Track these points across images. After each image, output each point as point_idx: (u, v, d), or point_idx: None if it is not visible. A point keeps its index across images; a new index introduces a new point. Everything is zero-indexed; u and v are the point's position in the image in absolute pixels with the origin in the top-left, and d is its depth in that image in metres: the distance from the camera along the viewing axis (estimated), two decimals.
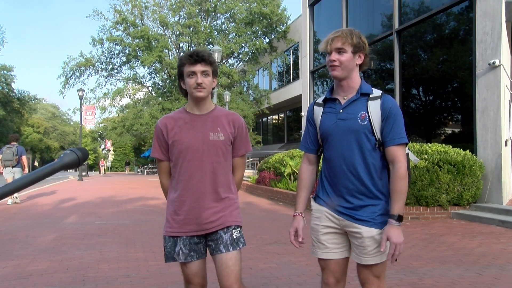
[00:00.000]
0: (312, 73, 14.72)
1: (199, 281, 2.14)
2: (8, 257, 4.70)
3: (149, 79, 36.02)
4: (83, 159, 1.14)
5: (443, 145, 7.74)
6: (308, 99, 14.63)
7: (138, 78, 28.55)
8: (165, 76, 27.21)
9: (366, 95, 1.97)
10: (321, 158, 2.14)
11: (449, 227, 6.46)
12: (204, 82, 2.07)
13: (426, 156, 7.30)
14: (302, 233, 2.06)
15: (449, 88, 9.30)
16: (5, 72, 42.12)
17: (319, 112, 2.06)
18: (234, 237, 2.11)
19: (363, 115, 1.93)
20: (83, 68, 27.42)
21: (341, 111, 1.98)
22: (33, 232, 6.35)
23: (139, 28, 25.41)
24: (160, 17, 25.96)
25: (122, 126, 27.52)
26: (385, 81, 11.42)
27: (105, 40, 26.44)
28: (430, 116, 9.78)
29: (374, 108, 1.93)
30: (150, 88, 29.64)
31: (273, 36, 27.62)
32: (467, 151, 7.57)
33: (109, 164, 53.93)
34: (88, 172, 34.30)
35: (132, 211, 8.94)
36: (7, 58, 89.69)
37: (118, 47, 26.95)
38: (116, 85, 46.80)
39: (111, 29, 26.41)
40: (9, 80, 42.80)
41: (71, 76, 27.42)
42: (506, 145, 7.95)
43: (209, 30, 26.79)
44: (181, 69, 2.11)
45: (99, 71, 28.16)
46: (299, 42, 22.60)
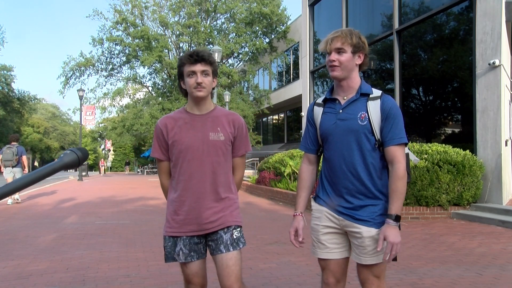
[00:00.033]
0: (312, 73, 14.72)
1: (199, 281, 2.14)
2: (8, 257, 4.70)
3: (149, 79, 36.07)
4: (83, 159, 1.14)
5: (443, 145, 7.74)
6: (308, 99, 14.63)
7: (138, 78, 28.58)
8: (165, 76, 27.22)
9: (366, 95, 1.97)
10: (321, 158, 2.14)
11: (449, 227, 6.46)
12: (204, 81, 2.07)
13: (426, 156, 7.30)
14: (302, 232, 2.06)
15: (449, 88, 9.30)
16: (5, 72, 42.15)
17: (319, 112, 2.07)
18: (235, 237, 2.11)
19: (362, 115, 1.93)
20: (83, 68, 27.44)
21: (341, 111, 1.98)
22: (33, 232, 6.35)
23: (139, 28, 25.42)
24: (160, 17, 25.97)
25: (122, 126, 27.53)
26: (385, 81, 11.42)
27: (105, 40, 26.47)
28: (430, 116, 9.78)
29: (374, 108, 1.93)
30: (150, 88, 29.66)
31: (273, 36, 27.62)
32: (467, 151, 7.58)
33: (109, 164, 53.94)
34: (88, 172, 34.30)
35: (132, 211, 8.94)
36: (7, 58, 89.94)
37: (118, 47, 26.99)
38: (116, 85, 46.87)
39: (111, 29, 26.45)
40: (9, 80, 42.84)
41: (71, 76, 27.46)
42: (506, 145, 7.95)
43: (209, 30, 26.80)
44: (181, 69, 2.11)
45: (99, 71, 28.20)
46: (299, 42, 22.60)
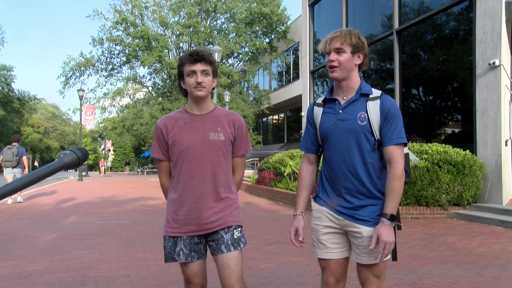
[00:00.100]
0: (312, 73, 14.72)
1: (199, 281, 2.14)
2: (8, 257, 4.70)
3: (149, 79, 36.11)
4: (83, 159, 1.14)
5: (443, 145, 7.74)
6: (308, 99, 14.63)
7: (138, 78, 28.59)
8: (165, 76, 27.22)
9: (365, 96, 1.97)
10: (321, 158, 2.14)
11: (449, 227, 6.46)
12: (204, 81, 2.07)
13: (426, 156, 7.30)
14: (302, 232, 2.06)
15: (449, 88, 9.30)
16: (5, 72, 42.20)
17: (319, 112, 2.07)
18: (235, 237, 2.11)
19: (362, 115, 1.93)
20: (83, 68, 27.45)
21: (340, 111, 1.98)
22: (33, 232, 6.35)
23: (139, 28, 25.43)
24: (160, 17, 25.97)
25: (122, 126, 27.54)
26: (385, 81, 11.42)
27: (105, 40, 26.48)
28: (430, 116, 9.78)
29: (374, 109, 1.93)
30: (150, 88, 29.67)
31: (273, 36, 27.62)
32: (467, 151, 7.58)
33: (109, 164, 53.95)
34: (88, 172, 34.31)
35: (132, 211, 8.94)
36: (7, 58, 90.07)
37: (118, 47, 27.01)
38: (116, 85, 46.86)
39: (111, 29, 26.46)
40: (9, 80, 42.89)
41: (71, 76, 27.48)
42: (506, 145, 7.95)
43: (209, 30, 26.80)
44: (181, 69, 2.11)
45: (99, 71, 28.22)
46: (299, 42, 22.60)
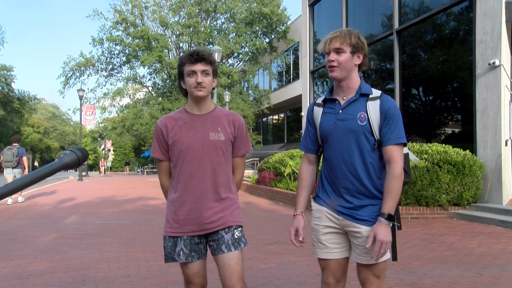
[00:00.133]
0: (312, 73, 14.72)
1: (199, 281, 2.14)
2: (8, 257, 4.70)
3: (149, 79, 36.13)
4: (83, 159, 1.14)
5: (443, 145, 7.74)
6: (308, 99, 14.63)
7: (138, 78, 28.59)
8: (165, 76, 27.23)
9: (365, 96, 1.97)
10: (321, 158, 2.14)
11: (449, 227, 6.46)
12: (204, 81, 2.07)
13: (426, 156, 7.30)
14: (302, 232, 2.06)
15: (449, 88, 9.30)
16: (5, 72, 42.19)
17: (318, 112, 2.07)
18: (236, 237, 2.11)
19: (362, 115, 1.93)
20: (83, 68, 27.46)
21: (340, 111, 1.98)
22: (33, 232, 6.35)
23: (139, 28, 25.43)
24: (160, 17, 25.97)
25: (122, 126, 27.54)
26: (385, 81, 11.42)
27: (105, 40, 26.49)
28: (430, 116, 9.78)
29: (373, 109, 1.93)
30: (150, 88, 29.68)
31: (273, 36, 27.62)
32: (467, 151, 7.57)
33: (109, 164, 53.95)
34: (88, 172, 34.32)
35: (132, 211, 8.94)
36: (7, 58, 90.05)
37: (118, 47, 27.01)
38: (116, 85, 46.91)
39: (111, 29, 26.47)
40: (9, 80, 42.89)
41: (71, 76, 27.48)
42: (506, 145, 7.95)
43: (209, 30, 26.80)
44: (181, 69, 2.11)
45: (99, 71, 28.23)
46: (299, 42, 22.60)
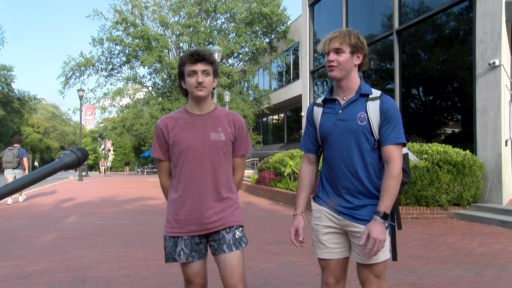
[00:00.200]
0: (312, 73, 14.72)
1: (200, 281, 2.14)
2: (8, 257, 4.70)
3: (149, 79, 36.14)
4: (83, 159, 1.14)
5: (443, 145, 7.74)
6: (308, 99, 14.63)
7: (138, 78, 28.59)
8: (165, 76, 27.22)
9: (365, 96, 1.97)
10: (321, 158, 2.14)
11: (449, 227, 6.46)
12: (205, 81, 2.07)
13: (426, 156, 7.30)
14: (302, 232, 2.06)
15: (449, 88, 9.30)
16: (5, 72, 42.19)
17: (318, 112, 2.07)
18: (237, 237, 2.11)
19: (362, 115, 1.93)
20: (83, 68, 27.46)
21: (340, 111, 1.98)
22: (33, 232, 6.35)
23: (139, 28, 25.43)
24: (160, 17, 25.97)
25: (122, 126, 27.54)
26: (385, 81, 11.42)
27: (105, 40, 26.48)
28: (430, 116, 9.78)
29: (373, 109, 1.93)
30: (150, 88, 29.67)
31: (273, 36, 27.62)
32: (467, 151, 7.57)
33: (109, 164, 53.95)
34: (88, 172, 34.32)
35: (132, 211, 8.94)
36: (7, 58, 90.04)
37: (118, 47, 27.01)
38: (116, 85, 46.88)
39: (111, 29, 26.47)
40: (9, 80, 42.89)
41: (71, 76, 27.48)
42: (506, 145, 7.95)
43: (209, 30, 26.80)
44: (181, 69, 2.11)
45: (99, 71, 28.23)
46: (299, 42, 22.60)
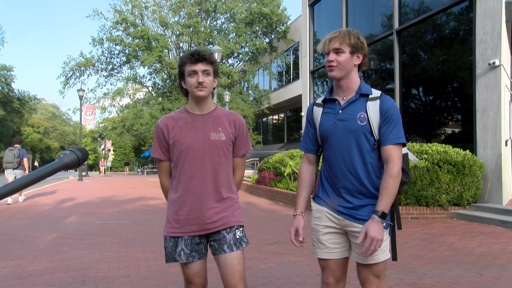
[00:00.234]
0: (312, 73, 14.72)
1: (200, 281, 2.14)
2: (8, 257, 4.70)
3: (149, 79, 36.14)
4: (83, 159, 1.14)
5: (443, 145, 7.74)
6: (308, 99, 14.63)
7: (138, 78, 28.60)
8: (165, 76, 27.23)
9: (365, 96, 1.97)
10: (321, 158, 2.14)
11: (449, 227, 6.46)
12: (205, 81, 2.07)
13: (426, 156, 7.30)
14: (302, 232, 2.06)
15: (449, 88, 9.30)
16: (5, 72, 42.20)
17: (318, 112, 2.07)
18: (237, 237, 2.11)
19: (362, 115, 1.93)
20: (83, 68, 27.46)
21: (340, 111, 1.98)
22: (33, 232, 6.35)
23: (139, 28, 25.43)
24: (160, 17, 25.98)
25: (122, 126, 27.55)
26: (385, 81, 11.42)
27: (105, 40, 26.49)
28: (430, 116, 9.78)
29: (373, 109, 1.93)
30: (150, 88, 29.68)
31: (273, 36, 27.63)
32: (467, 151, 7.57)
33: (109, 164, 53.95)
34: (88, 172, 34.32)
35: (132, 211, 8.94)
36: (7, 58, 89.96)
37: (118, 47, 27.02)
38: (116, 85, 46.90)
39: (111, 29, 26.48)
40: (9, 80, 42.89)
41: (71, 76, 27.49)
42: (506, 145, 7.95)
43: (209, 30, 26.80)
44: (182, 69, 2.11)
45: (99, 71, 28.24)
46: (299, 42, 22.60)
